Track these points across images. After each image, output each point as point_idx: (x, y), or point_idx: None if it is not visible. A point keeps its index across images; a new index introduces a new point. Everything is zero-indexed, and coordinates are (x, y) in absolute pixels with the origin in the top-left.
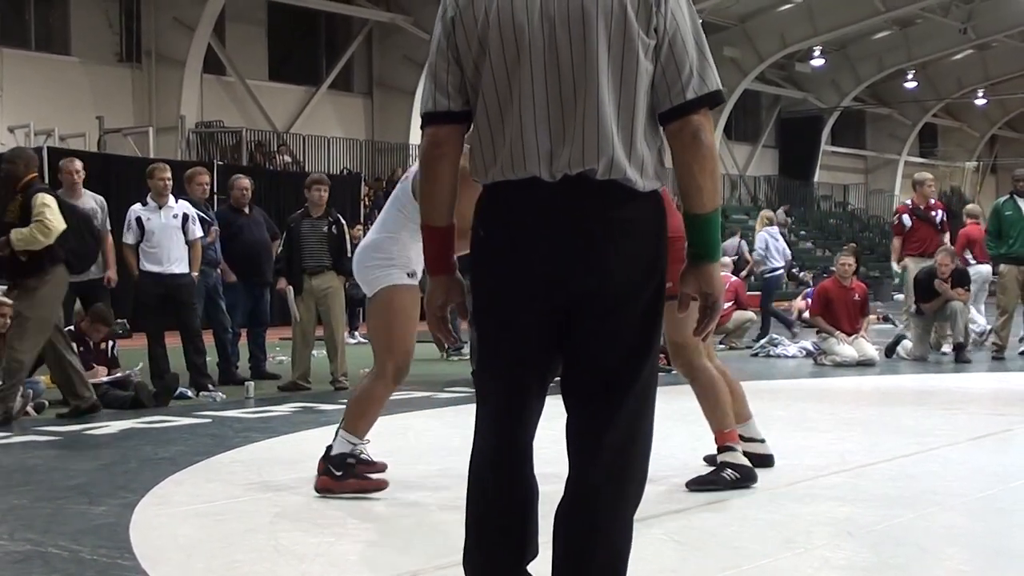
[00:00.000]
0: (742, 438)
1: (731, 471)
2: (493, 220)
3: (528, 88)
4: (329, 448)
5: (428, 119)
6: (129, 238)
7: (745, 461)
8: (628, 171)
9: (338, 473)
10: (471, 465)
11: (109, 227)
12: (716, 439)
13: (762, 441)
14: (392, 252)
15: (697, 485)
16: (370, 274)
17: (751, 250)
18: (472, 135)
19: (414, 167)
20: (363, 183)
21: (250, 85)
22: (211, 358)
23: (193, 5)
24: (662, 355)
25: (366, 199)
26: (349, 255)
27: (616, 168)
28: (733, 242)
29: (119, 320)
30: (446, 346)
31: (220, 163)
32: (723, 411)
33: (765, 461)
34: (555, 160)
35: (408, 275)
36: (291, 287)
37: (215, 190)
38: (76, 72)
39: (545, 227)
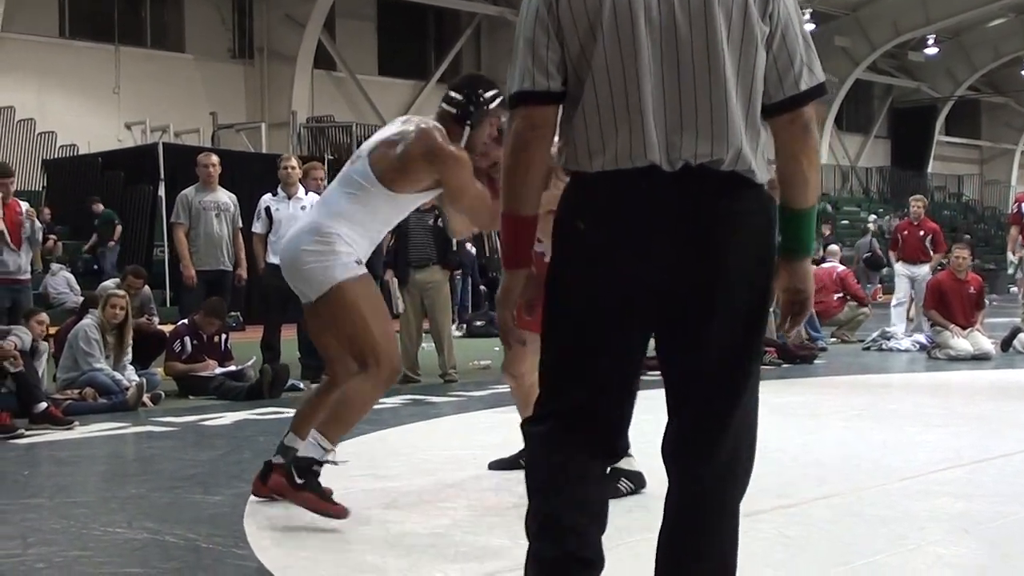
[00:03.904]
0: None
1: (626, 481)
2: (596, 213)
3: (646, 71)
4: (286, 446)
5: (524, 98)
6: (258, 227)
7: (637, 467)
8: (752, 162)
9: (299, 480)
10: (530, 524)
11: (240, 223)
12: None
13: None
14: (344, 240)
15: None
16: (318, 268)
17: (882, 247)
18: (572, 119)
19: (366, 145)
20: None
21: (360, 80)
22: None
23: (304, 2)
24: (771, 348)
25: None
26: (455, 248)
27: (742, 159)
28: (865, 241)
29: (232, 313)
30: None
31: (331, 157)
32: None
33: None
34: (674, 149)
35: (357, 263)
36: (396, 279)
37: (327, 184)
38: (190, 69)
39: (660, 221)
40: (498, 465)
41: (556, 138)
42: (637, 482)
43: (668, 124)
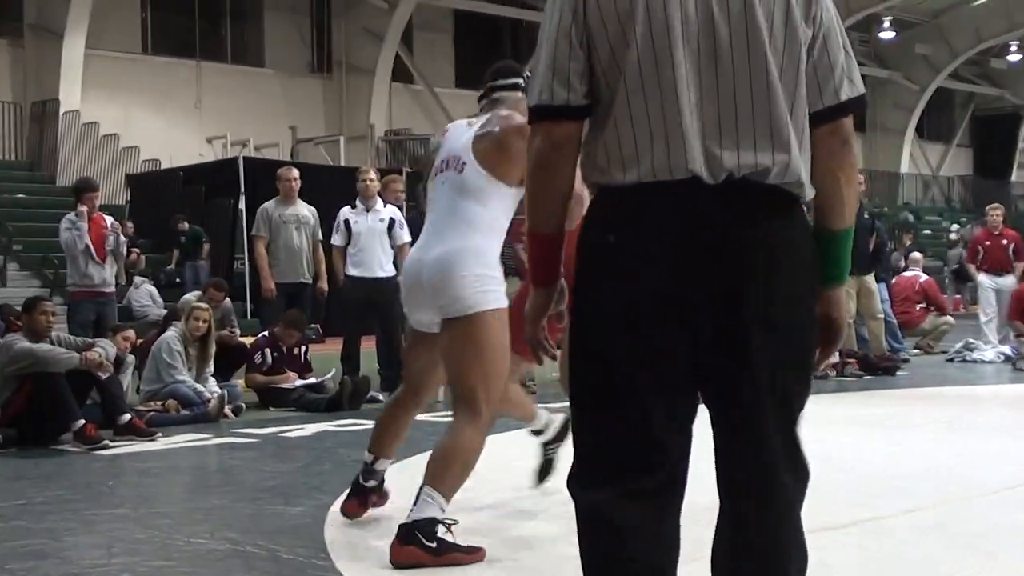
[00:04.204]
0: None
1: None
2: (629, 228)
3: (683, 76)
4: (373, 469)
5: (543, 113)
6: (337, 240)
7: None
8: (802, 174)
9: (431, 545)
10: (579, 533)
11: (320, 236)
12: None
13: None
14: (495, 262)
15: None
16: (476, 289)
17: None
18: (603, 129)
19: (456, 151)
20: None
21: (437, 92)
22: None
23: (381, 16)
24: (852, 359)
25: None
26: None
27: (791, 171)
28: (956, 252)
29: (312, 325)
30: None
31: (409, 170)
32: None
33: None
34: (715, 160)
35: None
36: None
37: (405, 197)
38: (270, 83)
39: (700, 238)
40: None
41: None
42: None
43: (707, 133)
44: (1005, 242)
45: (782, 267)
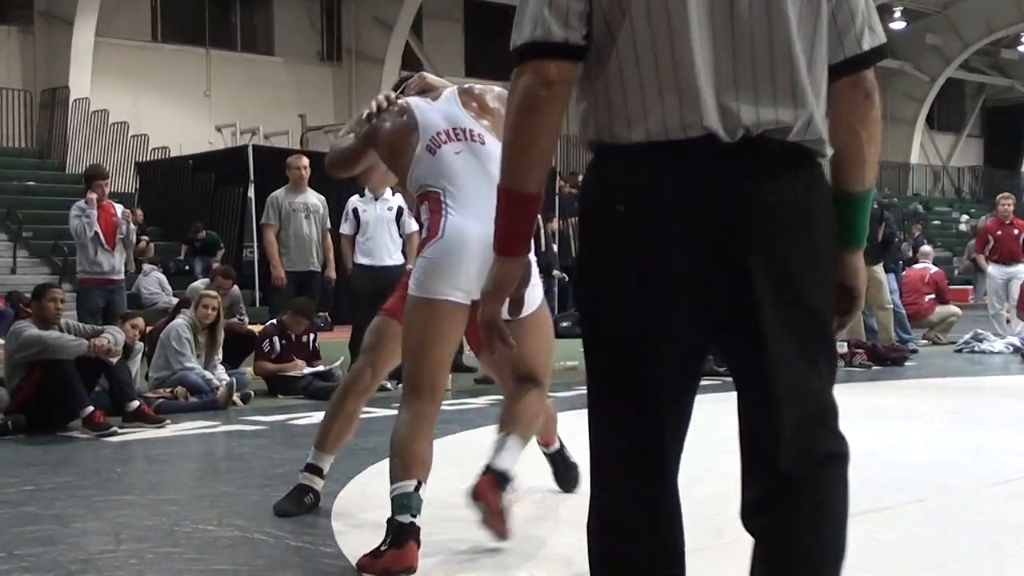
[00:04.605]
0: None
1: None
2: (639, 194)
3: (695, 21)
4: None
5: (535, 50)
6: (346, 228)
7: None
8: (822, 131)
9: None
10: (592, 532)
11: (329, 225)
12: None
13: None
14: None
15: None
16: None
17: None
18: (604, 80)
19: (462, 123)
20: (558, 176)
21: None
22: None
23: (391, 4)
24: (861, 349)
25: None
26: (543, 249)
27: (812, 127)
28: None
29: (320, 313)
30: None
31: None
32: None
33: None
34: (731, 115)
35: None
36: None
37: None
38: (279, 72)
39: (717, 204)
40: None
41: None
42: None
43: (722, 86)
44: (1016, 232)
45: (804, 237)
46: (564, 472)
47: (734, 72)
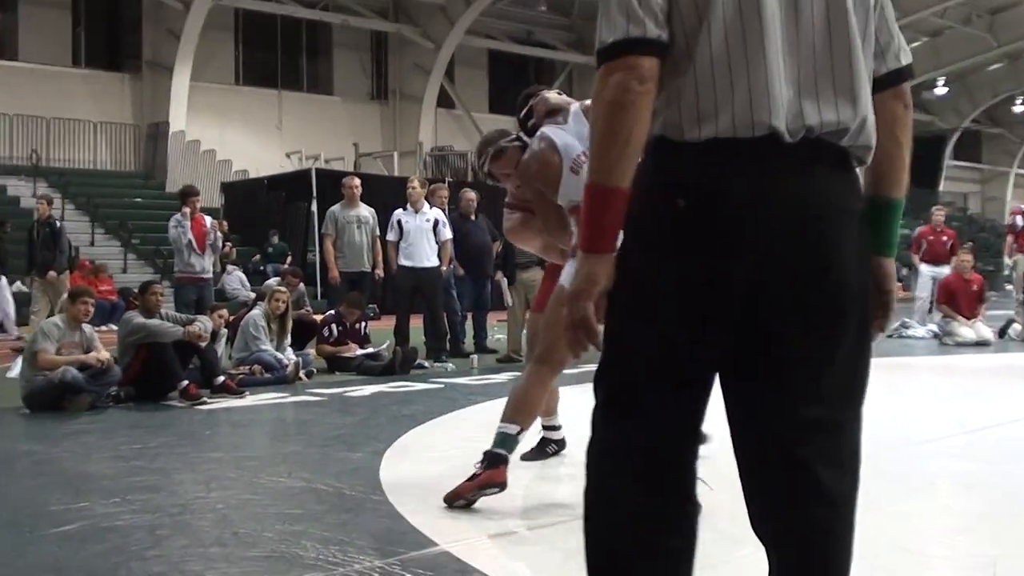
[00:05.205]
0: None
1: (553, 445)
2: (702, 190)
3: (770, 21)
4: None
5: (630, 46)
6: (391, 236)
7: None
8: (872, 137)
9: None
10: (595, 533)
11: (378, 232)
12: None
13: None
14: None
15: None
16: None
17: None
18: (680, 77)
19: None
20: None
21: (474, 117)
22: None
23: (429, 53)
24: None
25: None
26: None
27: (866, 132)
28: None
29: (370, 305)
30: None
31: (451, 180)
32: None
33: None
34: (796, 114)
35: None
36: (505, 278)
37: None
38: (337, 108)
39: (776, 204)
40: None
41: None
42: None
43: (787, 84)
44: (945, 238)
45: (858, 239)
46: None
47: (799, 74)
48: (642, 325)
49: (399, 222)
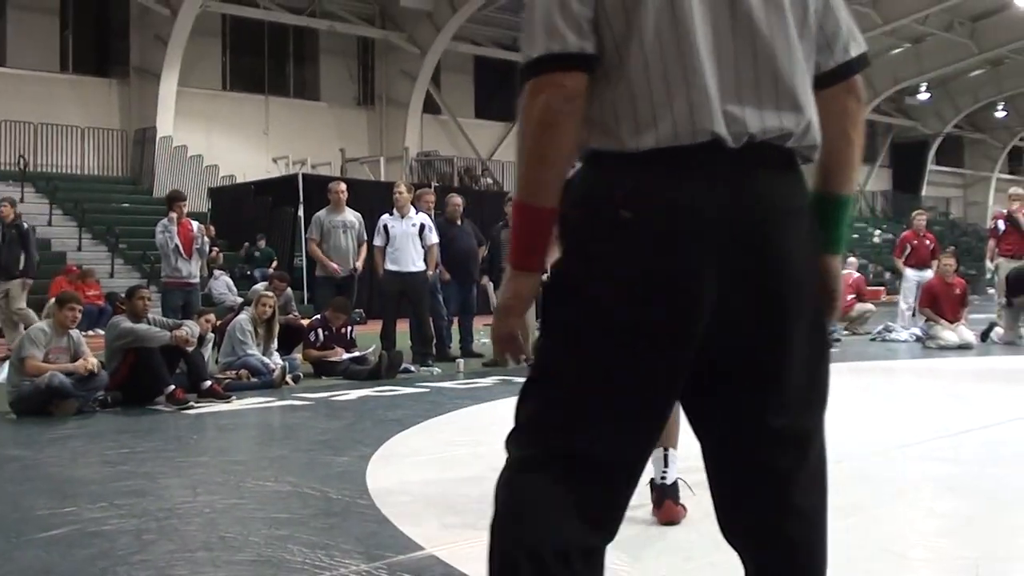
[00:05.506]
0: None
1: None
2: (646, 201)
3: (702, 25)
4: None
5: (554, 62)
6: (378, 240)
7: None
8: (817, 137)
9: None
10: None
11: (365, 237)
12: None
13: None
14: None
15: None
16: None
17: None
18: (614, 88)
19: None
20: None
21: (460, 122)
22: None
23: (415, 59)
24: None
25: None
26: None
27: (810, 133)
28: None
29: (356, 310)
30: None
31: (436, 185)
32: None
33: None
34: (736, 121)
35: None
36: (491, 283)
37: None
38: (324, 114)
39: (722, 213)
40: None
41: None
42: None
43: (725, 91)
44: (928, 242)
45: (807, 240)
46: None
47: (737, 79)
48: (585, 339)
49: (385, 227)
